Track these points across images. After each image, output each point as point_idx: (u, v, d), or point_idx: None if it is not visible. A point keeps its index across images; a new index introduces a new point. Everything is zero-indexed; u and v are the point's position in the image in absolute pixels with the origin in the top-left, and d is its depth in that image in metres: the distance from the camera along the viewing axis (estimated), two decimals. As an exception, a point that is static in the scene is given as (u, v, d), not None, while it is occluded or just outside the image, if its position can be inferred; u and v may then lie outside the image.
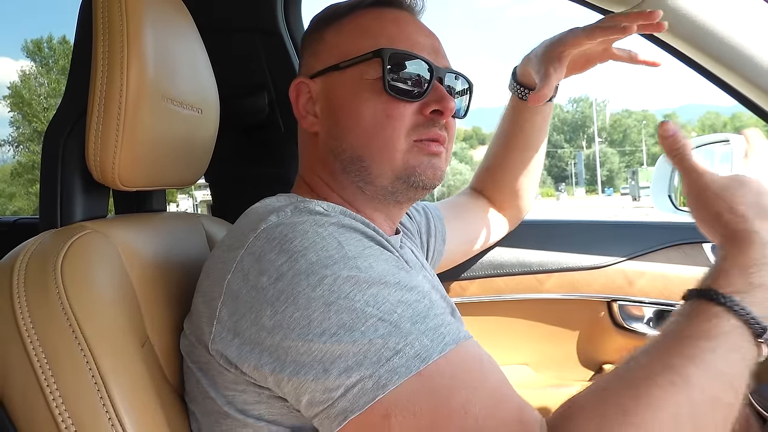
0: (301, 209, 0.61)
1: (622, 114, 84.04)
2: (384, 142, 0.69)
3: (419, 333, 0.52)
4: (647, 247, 1.25)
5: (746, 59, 0.99)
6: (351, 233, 0.59)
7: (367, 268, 0.55)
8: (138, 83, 0.64)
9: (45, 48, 33.82)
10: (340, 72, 0.71)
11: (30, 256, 0.56)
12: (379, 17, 0.73)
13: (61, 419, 0.50)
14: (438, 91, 0.70)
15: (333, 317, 0.52)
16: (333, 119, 0.72)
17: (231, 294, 0.57)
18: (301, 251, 0.55)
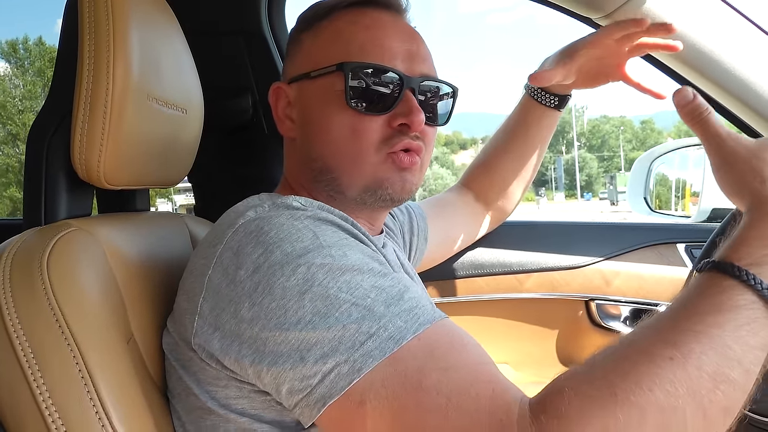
0: (278, 204, 0.62)
1: (601, 120, 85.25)
2: (352, 157, 0.68)
3: (393, 315, 0.53)
4: (623, 248, 1.28)
5: (716, 64, 1.03)
6: (326, 225, 0.60)
7: (341, 257, 0.56)
8: (124, 82, 0.64)
9: (20, 49, 33.22)
10: (311, 81, 0.70)
11: (15, 252, 0.56)
12: (354, 22, 0.71)
13: (48, 413, 0.50)
14: (407, 103, 0.68)
15: (307, 305, 0.53)
16: (305, 128, 0.72)
17: (211, 289, 0.58)
18: (276, 243, 0.56)
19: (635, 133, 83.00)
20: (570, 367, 0.54)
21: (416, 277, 0.89)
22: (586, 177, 74.59)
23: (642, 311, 1.29)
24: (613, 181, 48.10)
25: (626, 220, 1.91)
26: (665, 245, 1.28)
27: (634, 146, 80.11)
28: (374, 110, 0.67)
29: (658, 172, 1.71)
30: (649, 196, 1.64)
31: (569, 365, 1.35)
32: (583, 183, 72.91)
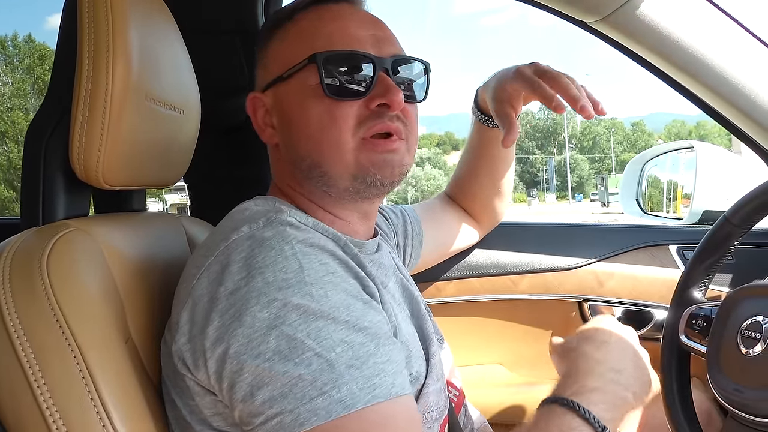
0: (273, 221, 0.62)
1: (592, 121, 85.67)
2: (332, 144, 0.68)
3: (351, 378, 0.53)
4: (616, 249, 1.30)
5: (708, 69, 1.04)
6: (317, 254, 0.59)
7: (320, 297, 0.55)
8: (123, 83, 0.64)
9: (9, 46, 32.93)
10: (285, 82, 0.70)
11: (14, 252, 0.56)
12: (317, 18, 0.71)
13: (48, 413, 0.50)
14: (383, 83, 0.68)
15: (272, 342, 0.53)
16: (287, 130, 0.72)
17: (193, 299, 0.58)
18: (260, 269, 0.56)
19: (626, 135, 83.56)
20: None
21: (410, 281, 0.89)
22: (577, 178, 75.03)
23: (634, 312, 1.30)
24: (604, 183, 48.37)
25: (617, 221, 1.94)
26: (657, 247, 1.29)
27: (625, 148, 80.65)
28: (351, 95, 0.67)
29: (650, 174, 1.73)
30: (642, 198, 1.66)
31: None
32: (575, 184, 73.32)
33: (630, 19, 1.02)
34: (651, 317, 1.28)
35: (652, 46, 1.05)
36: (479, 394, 1.24)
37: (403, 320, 0.72)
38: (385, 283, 0.74)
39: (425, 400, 0.68)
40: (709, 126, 64.90)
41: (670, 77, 1.11)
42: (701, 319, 0.89)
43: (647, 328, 1.28)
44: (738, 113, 1.08)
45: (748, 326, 0.78)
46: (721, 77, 1.04)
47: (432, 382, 0.70)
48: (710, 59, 1.03)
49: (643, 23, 1.02)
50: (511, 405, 1.27)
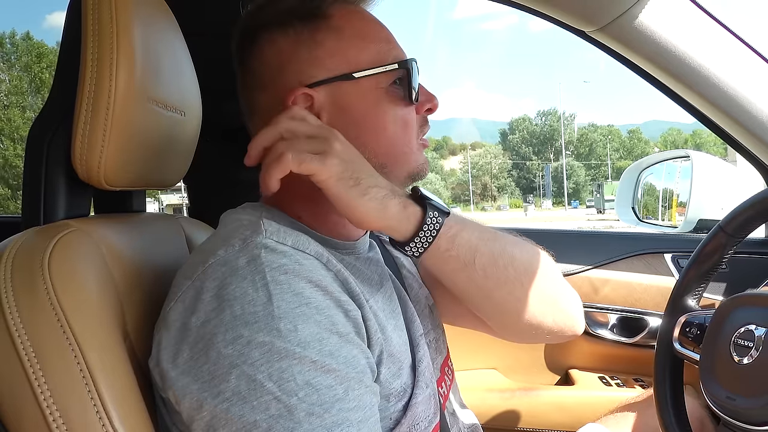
0: (248, 244, 0.58)
1: (589, 128, 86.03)
2: (403, 149, 0.70)
3: (310, 428, 0.50)
4: (612, 257, 1.31)
5: (704, 79, 1.05)
6: (291, 282, 0.55)
7: (288, 333, 0.52)
8: (126, 84, 0.65)
9: (7, 43, 32.86)
10: (353, 82, 0.68)
11: (16, 252, 0.56)
12: (368, 20, 0.72)
13: (49, 412, 0.50)
14: (425, 90, 0.72)
15: (233, 381, 0.51)
16: (352, 131, 0.67)
17: (166, 324, 0.57)
18: (229, 300, 0.53)
19: (623, 142, 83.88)
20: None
21: (414, 275, 0.86)
22: (573, 185, 75.23)
23: (629, 319, 1.31)
24: (600, 190, 48.54)
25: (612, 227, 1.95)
26: (652, 255, 1.30)
27: (621, 155, 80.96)
28: (413, 101, 0.70)
29: (646, 183, 1.74)
30: (637, 206, 1.67)
31: (556, 371, 1.38)
32: (571, 190, 73.52)
33: (628, 29, 1.03)
34: (645, 324, 1.29)
35: (650, 56, 1.06)
36: (474, 398, 1.24)
37: (395, 328, 0.69)
38: (380, 284, 0.72)
39: (413, 412, 0.66)
40: (705, 135, 65.23)
41: (666, 87, 1.13)
42: (695, 326, 0.90)
43: (641, 335, 1.29)
44: (733, 123, 1.09)
45: (740, 335, 0.79)
46: (717, 87, 1.05)
47: (420, 392, 0.67)
48: (706, 69, 1.05)
49: (641, 33, 1.03)
50: (505, 410, 1.28)
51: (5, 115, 31.00)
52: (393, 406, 0.64)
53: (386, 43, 0.71)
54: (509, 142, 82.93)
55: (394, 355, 0.65)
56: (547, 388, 1.33)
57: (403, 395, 0.65)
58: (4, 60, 32.89)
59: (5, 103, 31.81)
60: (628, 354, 1.32)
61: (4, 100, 31.98)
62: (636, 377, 1.34)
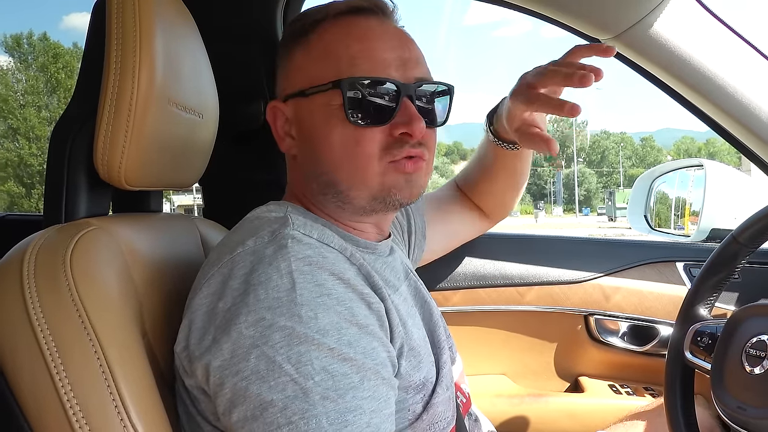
0: (277, 235, 0.61)
1: (601, 135, 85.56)
2: (356, 168, 0.67)
3: (324, 411, 0.51)
4: (623, 264, 1.30)
5: (720, 89, 1.05)
6: (314, 273, 0.58)
7: (309, 320, 0.54)
8: (148, 87, 0.66)
9: (24, 44, 33.30)
10: (307, 98, 0.69)
11: (39, 249, 0.58)
12: (345, 34, 0.69)
13: (69, 406, 0.51)
14: (406, 111, 0.67)
15: (252, 361, 0.53)
16: (306, 145, 0.71)
17: (193, 309, 0.60)
18: (255, 285, 0.56)
19: (635, 150, 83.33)
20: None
21: (420, 283, 0.89)
22: (584, 192, 74.78)
23: (640, 327, 1.31)
24: (612, 197, 48.23)
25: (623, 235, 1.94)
26: (665, 263, 1.30)
27: (633, 163, 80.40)
28: (374, 122, 0.67)
29: (659, 191, 1.73)
30: (650, 215, 1.66)
31: (566, 378, 1.37)
32: (582, 198, 73.07)
33: (643, 37, 1.04)
34: (656, 333, 1.29)
35: (664, 65, 1.06)
36: (483, 404, 1.24)
37: (414, 325, 0.71)
38: (396, 287, 0.74)
39: (434, 411, 0.68)
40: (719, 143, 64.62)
41: (681, 96, 1.12)
42: (706, 336, 0.90)
43: (652, 344, 1.29)
44: (748, 133, 1.09)
45: (753, 345, 0.79)
46: (732, 96, 1.05)
47: (441, 391, 0.70)
48: (721, 78, 1.04)
49: (656, 42, 1.03)
50: (514, 416, 1.28)
51: (21, 115, 31.40)
52: (412, 398, 0.66)
53: (347, 61, 0.67)
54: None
55: (414, 348, 0.67)
56: (557, 395, 1.33)
57: (422, 388, 0.67)
58: (21, 60, 33.32)
59: (21, 102, 32.22)
60: (639, 362, 1.31)
61: (20, 100, 32.40)
62: (646, 386, 1.33)
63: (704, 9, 1.03)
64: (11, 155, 30.98)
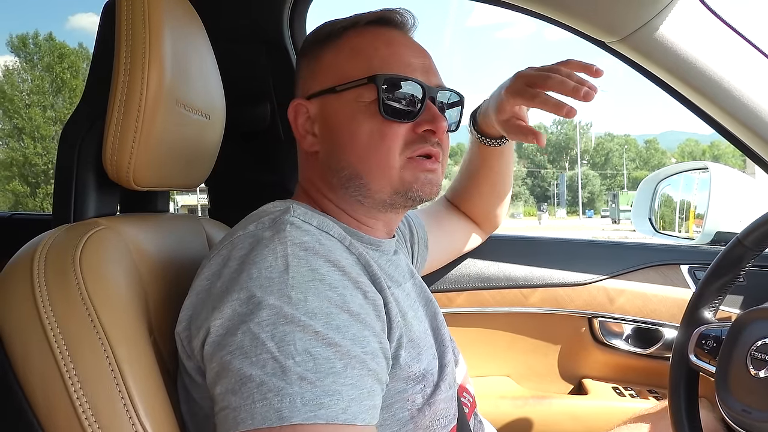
0: (276, 220, 0.63)
1: (605, 137, 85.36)
2: (379, 160, 0.71)
3: (300, 390, 0.52)
4: (628, 267, 1.30)
5: (725, 92, 1.05)
6: (309, 258, 0.59)
7: (298, 302, 0.55)
8: (156, 88, 0.67)
9: (30, 44, 33.40)
10: (336, 95, 0.73)
11: (49, 248, 0.58)
12: (373, 39, 0.75)
13: (78, 403, 0.52)
14: (430, 111, 0.73)
15: (239, 336, 0.54)
16: (331, 139, 0.74)
17: (194, 290, 0.62)
18: (249, 264, 0.58)
19: (639, 153, 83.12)
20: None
21: (423, 286, 0.90)
22: (588, 194, 74.64)
23: (644, 330, 1.31)
24: (616, 200, 48.09)
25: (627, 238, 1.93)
26: (669, 266, 1.30)
27: (637, 165, 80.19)
28: (402, 117, 0.71)
29: (663, 193, 1.73)
30: (654, 217, 1.66)
31: (570, 381, 1.37)
32: (586, 200, 72.93)
33: (649, 40, 1.03)
34: (660, 336, 1.29)
35: (670, 67, 1.06)
36: (487, 405, 1.25)
37: (414, 318, 0.73)
38: (400, 283, 0.77)
39: (435, 408, 0.69)
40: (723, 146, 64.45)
41: (686, 98, 1.12)
42: (711, 339, 0.90)
43: (656, 346, 1.29)
44: (754, 136, 1.08)
45: (758, 348, 0.79)
46: (739, 101, 1.05)
47: (444, 389, 0.71)
48: (728, 82, 1.04)
49: (662, 45, 1.03)
50: (518, 418, 1.28)
51: (27, 114, 31.51)
52: (412, 389, 0.67)
53: (379, 60, 0.72)
54: (524, 149, 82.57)
55: (414, 340, 0.69)
56: (561, 397, 1.33)
57: (422, 379, 0.68)
58: (27, 60, 33.43)
59: (27, 102, 32.33)
60: (643, 365, 1.31)
61: (26, 99, 32.50)
62: (650, 388, 1.33)
63: (710, 12, 1.02)
64: (16, 155, 31.08)
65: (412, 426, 0.67)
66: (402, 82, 0.71)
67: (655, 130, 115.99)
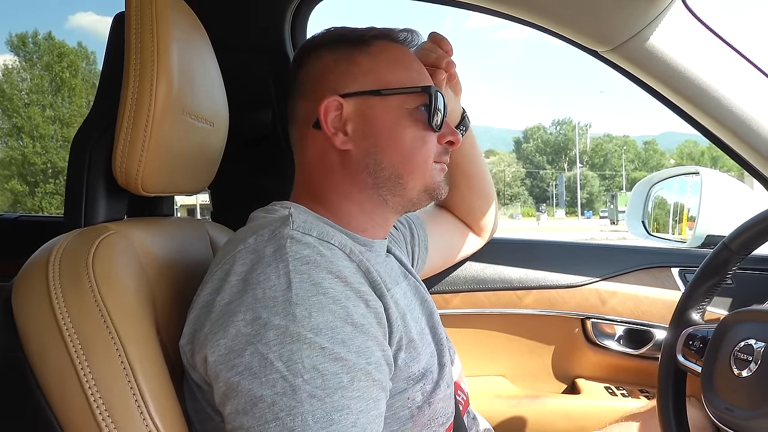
0: (276, 234, 0.64)
1: (604, 138, 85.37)
2: (420, 163, 0.77)
3: (310, 409, 0.54)
4: (620, 269, 1.33)
5: (714, 101, 1.08)
6: (311, 272, 0.60)
7: (302, 318, 0.57)
8: (165, 98, 0.69)
9: (30, 43, 33.36)
10: (381, 98, 0.76)
11: (63, 252, 0.61)
12: (403, 53, 0.80)
13: (93, 400, 0.55)
14: (448, 126, 0.80)
15: (246, 357, 0.56)
16: (372, 140, 0.76)
17: (197, 304, 0.63)
18: (253, 284, 0.59)
19: (638, 154, 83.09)
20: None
21: (421, 285, 0.93)
22: (587, 195, 74.64)
23: (635, 331, 1.34)
24: (614, 200, 48.11)
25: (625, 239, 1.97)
26: (660, 268, 1.33)
27: (636, 166, 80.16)
28: (436, 128, 0.78)
29: (658, 196, 1.76)
30: (647, 220, 1.69)
31: (563, 380, 1.40)
32: (584, 201, 72.90)
33: (639, 50, 1.07)
34: (651, 337, 1.32)
35: (660, 76, 1.10)
36: (482, 404, 1.27)
37: (412, 319, 0.76)
38: (397, 282, 0.80)
39: (434, 406, 0.72)
40: (722, 147, 64.27)
41: (677, 106, 1.16)
42: (698, 340, 0.93)
43: (647, 347, 1.32)
44: (741, 142, 1.12)
45: (741, 349, 0.82)
46: (726, 108, 1.08)
47: (443, 387, 0.73)
48: (716, 90, 1.08)
49: (653, 55, 1.07)
50: (513, 416, 1.31)
51: (26, 113, 31.46)
52: (411, 388, 0.69)
53: (417, 73, 0.79)
54: (523, 150, 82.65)
55: (413, 341, 0.71)
56: (554, 397, 1.36)
57: (421, 378, 0.71)
58: (26, 59, 33.38)
59: (26, 101, 32.28)
60: (634, 365, 1.34)
61: (25, 99, 32.46)
62: (641, 388, 1.36)
63: (699, 22, 1.06)
64: (15, 153, 31.03)
65: (411, 424, 0.69)
66: (437, 93, 0.77)
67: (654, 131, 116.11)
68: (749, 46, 1.09)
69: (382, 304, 0.66)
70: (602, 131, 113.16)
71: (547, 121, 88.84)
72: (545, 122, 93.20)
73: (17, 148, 31.44)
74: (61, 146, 31.09)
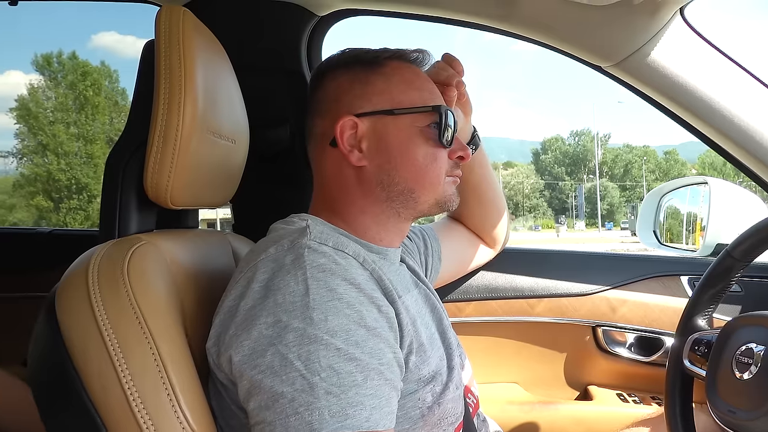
0: (295, 244, 0.69)
1: (623, 149, 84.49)
2: (432, 179, 0.81)
3: (327, 404, 0.58)
4: (630, 278, 1.36)
5: (717, 113, 1.11)
6: (327, 279, 0.65)
7: (319, 321, 0.61)
8: (191, 119, 0.75)
9: (54, 62, 34.25)
10: (393, 117, 0.80)
11: (100, 260, 0.67)
12: (416, 74, 0.84)
13: (129, 393, 0.61)
14: (459, 142, 0.85)
15: (268, 357, 0.60)
16: (386, 157, 0.80)
17: (222, 309, 0.69)
18: (274, 290, 0.64)
19: (658, 164, 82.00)
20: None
21: (433, 294, 0.97)
22: (607, 206, 73.79)
23: (646, 338, 1.36)
24: (635, 212, 47.53)
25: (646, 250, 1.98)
26: (669, 277, 1.35)
27: (657, 177, 79.02)
28: (446, 144, 0.82)
29: (670, 206, 1.78)
30: (659, 230, 1.71)
31: (576, 387, 1.43)
32: (605, 212, 72.06)
33: (642, 64, 1.11)
34: (662, 344, 1.34)
35: (663, 90, 1.13)
36: (495, 410, 1.30)
37: (422, 324, 0.80)
38: (408, 289, 0.84)
39: (444, 407, 0.76)
40: (745, 156, 62.95)
41: (681, 118, 1.19)
42: (703, 345, 0.95)
43: (658, 354, 1.34)
44: (745, 153, 1.14)
45: (742, 352, 0.84)
46: (728, 119, 1.11)
47: (453, 389, 0.78)
48: (717, 102, 1.11)
49: (654, 69, 1.10)
50: (526, 422, 1.33)
51: (51, 131, 32.24)
52: (422, 390, 0.74)
53: (428, 93, 0.83)
54: (541, 161, 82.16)
55: (423, 344, 0.75)
56: (566, 403, 1.38)
57: (431, 380, 0.75)
58: (51, 78, 34.29)
59: (51, 119, 33.10)
60: (645, 372, 1.36)
61: (50, 117, 33.29)
62: (652, 395, 1.37)
63: (699, 37, 1.09)
64: (40, 170, 31.80)
65: (422, 423, 0.74)
66: (447, 111, 0.81)
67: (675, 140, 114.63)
68: (748, 57, 1.12)
69: (394, 310, 0.71)
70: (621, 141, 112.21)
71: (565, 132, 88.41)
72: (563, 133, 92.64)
73: (42, 165, 32.19)
74: (85, 163, 31.78)
